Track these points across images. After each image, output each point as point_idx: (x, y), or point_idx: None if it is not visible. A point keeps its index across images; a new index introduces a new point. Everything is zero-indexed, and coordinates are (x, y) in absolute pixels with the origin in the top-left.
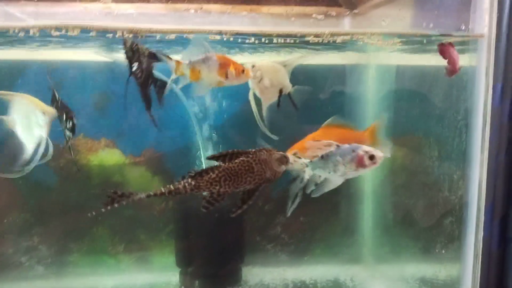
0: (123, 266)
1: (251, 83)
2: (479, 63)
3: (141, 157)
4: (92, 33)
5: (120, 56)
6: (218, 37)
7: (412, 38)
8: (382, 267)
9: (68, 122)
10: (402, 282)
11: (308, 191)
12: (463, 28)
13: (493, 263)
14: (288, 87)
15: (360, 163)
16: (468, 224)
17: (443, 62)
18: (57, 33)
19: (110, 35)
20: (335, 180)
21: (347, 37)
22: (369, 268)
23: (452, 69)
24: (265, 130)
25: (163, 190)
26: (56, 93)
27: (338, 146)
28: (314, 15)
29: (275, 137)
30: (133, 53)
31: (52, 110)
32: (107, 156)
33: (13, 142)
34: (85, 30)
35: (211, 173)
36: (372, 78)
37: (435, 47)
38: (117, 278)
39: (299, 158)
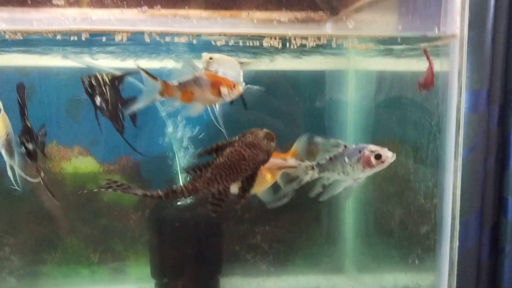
0: (98, 277)
1: None
2: (452, 66)
3: (115, 165)
4: (60, 37)
5: (92, 61)
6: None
7: (389, 43)
8: (364, 277)
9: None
10: None
11: (314, 195)
12: (436, 31)
13: (484, 273)
14: (241, 85)
15: (367, 163)
16: (443, 232)
17: (418, 67)
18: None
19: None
20: (345, 182)
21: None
22: (351, 277)
23: (425, 83)
24: (221, 127)
25: (160, 192)
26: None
27: (345, 146)
28: (281, 19)
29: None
30: (92, 88)
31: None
32: (81, 164)
33: None
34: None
35: (205, 174)
36: (351, 83)
37: (411, 52)
38: None
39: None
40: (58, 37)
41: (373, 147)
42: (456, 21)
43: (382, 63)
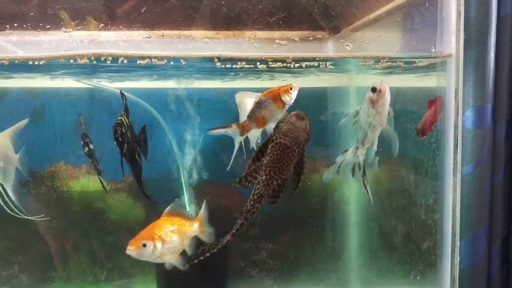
0: None
1: None
2: (449, 84)
3: (122, 184)
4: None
5: (100, 82)
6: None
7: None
8: None
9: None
10: None
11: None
12: (433, 50)
13: (494, 287)
14: None
15: (370, 101)
16: (444, 248)
17: (418, 83)
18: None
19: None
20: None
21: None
22: None
23: (423, 129)
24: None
25: (240, 221)
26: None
27: None
28: (277, 41)
29: None
30: (122, 137)
31: None
32: (88, 182)
33: None
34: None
35: (260, 177)
36: (353, 100)
37: (410, 70)
38: None
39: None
40: (64, 60)
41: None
42: (451, 41)
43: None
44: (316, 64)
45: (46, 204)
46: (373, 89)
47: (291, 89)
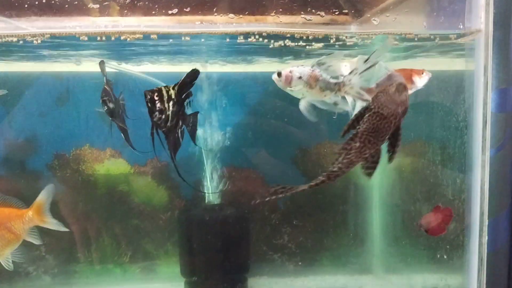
0: (129, 276)
1: None
2: (478, 62)
3: (146, 167)
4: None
5: (125, 66)
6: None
7: (413, 42)
8: (392, 277)
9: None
10: None
11: None
12: (461, 27)
13: None
14: None
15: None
16: (472, 228)
17: (442, 66)
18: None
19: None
20: None
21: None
22: (379, 278)
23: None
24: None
25: (322, 178)
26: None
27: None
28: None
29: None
30: (153, 103)
31: None
32: (112, 166)
33: None
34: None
35: (354, 145)
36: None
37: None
38: None
39: None
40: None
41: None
42: (481, 16)
43: (407, 63)
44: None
45: (71, 187)
46: (279, 74)
47: (422, 73)
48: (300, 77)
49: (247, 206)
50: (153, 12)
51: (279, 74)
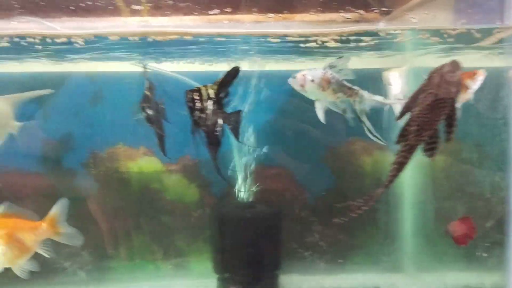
0: (162, 272)
1: None
2: None
3: (177, 165)
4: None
5: (157, 66)
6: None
7: (447, 39)
8: (424, 276)
9: None
10: None
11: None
12: (498, 24)
13: None
14: None
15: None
16: (511, 225)
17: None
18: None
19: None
20: None
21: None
22: (410, 276)
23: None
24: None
25: (392, 173)
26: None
27: None
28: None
29: None
30: (193, 103)
31: None
32: (145, 164)
33: None
34: (124, 38)
35: (411, 128)
36: (409, 81)
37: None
38: (156, 284)
39: None
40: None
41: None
42: None
43: (437, 60)
44: (373, 43)
45: (105, 184)
46: (294, 77)
47: (474, 74)
48: (312, 80)
49: (278, 204)
50: (182, 12)
51: (294, 77)
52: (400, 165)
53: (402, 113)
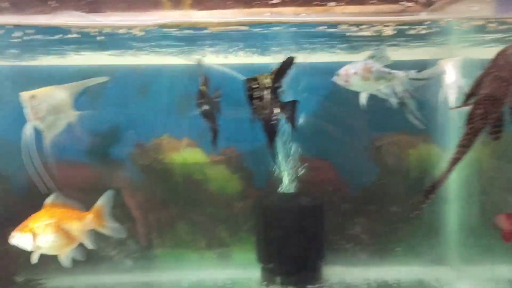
0: (206, 262)
1: None
2: None
3: (220, 156)
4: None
5: (201, 59)
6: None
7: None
8: (470, 269)
9: None
10: (491, 283)
11: None
12: None
13: None
14: None
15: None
16: None
17: None
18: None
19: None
20: None
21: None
22: (455, 269)
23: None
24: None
25: (456, 155)
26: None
27: None
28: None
29: None
30: (252, 91)
31: None
32: (189, 155)
33: None
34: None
35: (477, 111)
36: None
37: None
38: (200, 273)
39: None
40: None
41: None
42: None
43: (483, 51)
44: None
45: (150, 175)
46: (337, 74)
47: None
48: (355, 73)
49: (321, 195)
50: (222, 6)
51: (337, 75)
52: (464, 148)
53: (468, 97)
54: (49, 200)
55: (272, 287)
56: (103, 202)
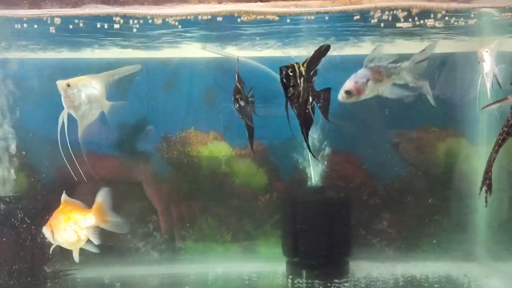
0: (231, 255)
1: None
2: None
3: (246, 149)
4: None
5: (227, 51)
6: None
7: None
8: (499, 265)
9: None
10: None
11: None
12: None
13: None
14: None
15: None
16: None
17: None
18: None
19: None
20: None
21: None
22: (484, 265)
23: None
24: None
25: (502, 136)
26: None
27: None
28: None
29: None
30: (288, 79)
31: None
32: (215, 148)
33: None
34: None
35: None
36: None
37: None
38: (226, 266)
39: None
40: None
41: None
42: None
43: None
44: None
45: (177, 167)
46: (347, 92)
47: None
48: (368, 80)
49: (347, 189)
50: None
51: (348, 93)
52: (502, 141)
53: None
54: (63, 198)
55: (298, 281)
56: (100, 198)
